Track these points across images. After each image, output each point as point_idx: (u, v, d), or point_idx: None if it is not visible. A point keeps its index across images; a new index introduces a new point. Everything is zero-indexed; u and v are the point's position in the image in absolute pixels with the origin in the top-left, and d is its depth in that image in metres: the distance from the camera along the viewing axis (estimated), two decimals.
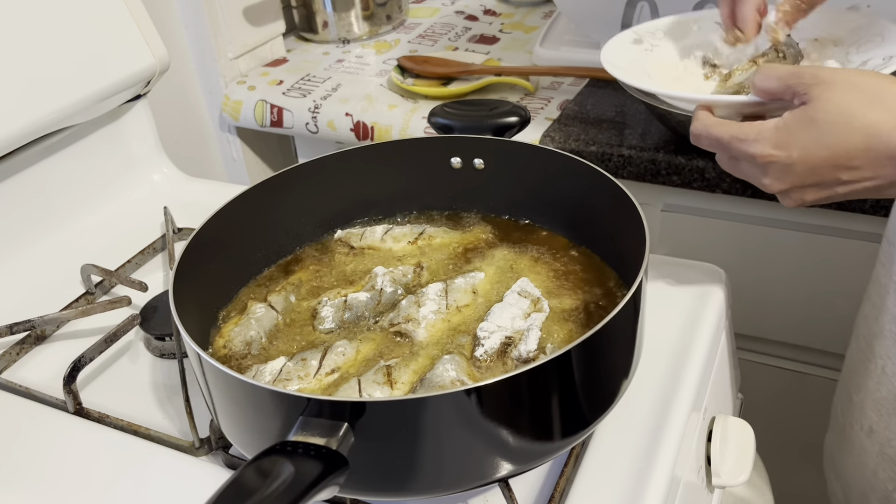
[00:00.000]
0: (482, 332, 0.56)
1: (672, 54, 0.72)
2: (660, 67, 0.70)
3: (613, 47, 0.69)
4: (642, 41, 0.71)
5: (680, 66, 0.71)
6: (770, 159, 0.54)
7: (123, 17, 0.86)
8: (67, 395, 0.63)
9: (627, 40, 0.70)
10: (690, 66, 0.71)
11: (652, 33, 0.72)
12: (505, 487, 0.51)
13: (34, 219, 0.83)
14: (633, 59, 0.69)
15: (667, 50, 0.72)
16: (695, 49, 0.72)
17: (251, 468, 0.40)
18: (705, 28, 0.73)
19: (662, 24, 0.73)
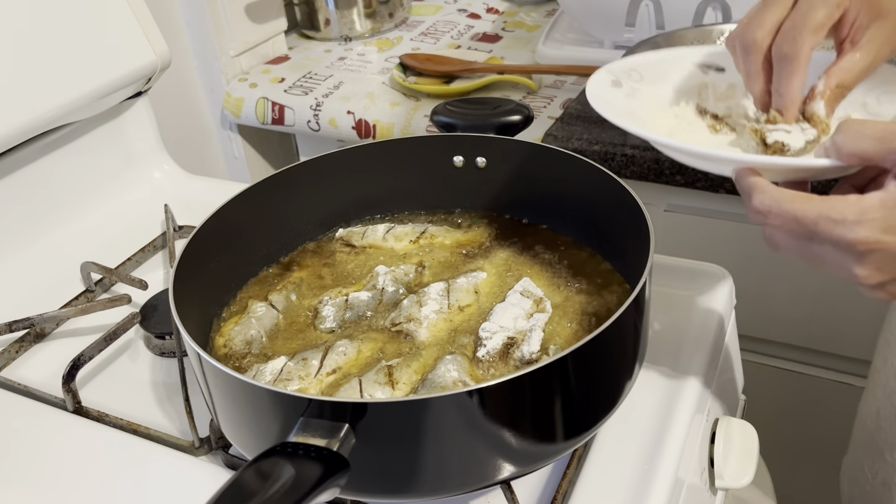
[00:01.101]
0: (484, 333, 0.56)
1: (658, 100, 0.62)
2: (651, 116, 0.60)
3: (596, 92, 0.58)
4: (621, 84, 0.61)
5: (671, 115, 0.62)
6: (875, 247, 0.42)
7: (125, 13, 0.86)
8: (66, 394, 0.62)
9: (605, 83, 0.60)
10: (685, 115, 0.62)
11: (628, 73, 0.62)
12: (507, 489, 0.51)
13: (34, 216, 0.83)
14: (620, 106, 0.59)
15: (650, 95, 0.62)
16: (681, 95, 0.63)
17: (251, 470, 0.40)
18: (685, 69, 0.63)
19: (637, 64, 0.63)
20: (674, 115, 0.62)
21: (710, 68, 0.63)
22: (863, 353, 0.88)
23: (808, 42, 0.49)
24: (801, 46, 0.50)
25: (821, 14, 0.49)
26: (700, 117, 0.61)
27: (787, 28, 0.50)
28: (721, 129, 0.61)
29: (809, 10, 0.49)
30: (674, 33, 0.97)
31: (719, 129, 0.61)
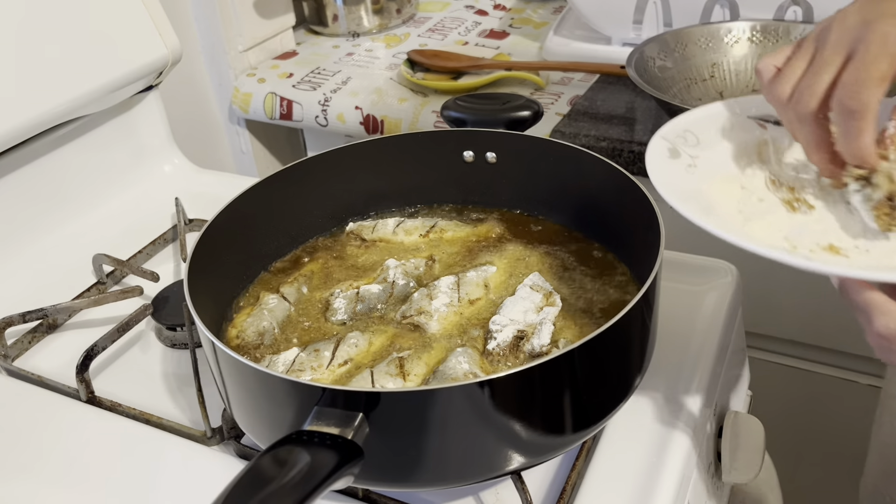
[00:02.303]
0: (494, 326, 0.57)
1: (720, 168, 0.55)
2: (719, 195, 0.53)
3: (657, 169, 0.52)
4: (679, 153, 0.55)
5: (736, 186, 0.54)
6: None
7: (137, 7, 0.86)
8: (80, 384, 0.63)
9: (663, 155, 0.54)
10: (753, 187, 0.55)
11: (683, 137, 0.56)
12: (517, 480, 0.51)
13: (46, 208, 0.83)
14: (686, 187, 0.52)
15: (711, 163, 0.55)
16: (743, 158, 0.56)
17: (268, 457, 0.40)
18: (741, 125, 0.58)
19: (690, 124, 0.57)
20: (740, 186, 0.55)
21: (768, 121, 0.58)
22: (868, 351, 0.88)
23: (875, 95, 0.46)
24: (868, 101, 0.46)
25: (884, 64, 0.45)
26: (771, 189, 0.55)
27: (850, 82, 0.46)
28: (799, 207, 0.53)
29: (873, 62, 0.45)
30: (681, 30, 0.98)
31: (797, 206, 0.53)
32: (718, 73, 0.97)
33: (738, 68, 0.97)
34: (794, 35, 0.95)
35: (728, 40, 0.98)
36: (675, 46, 0.96)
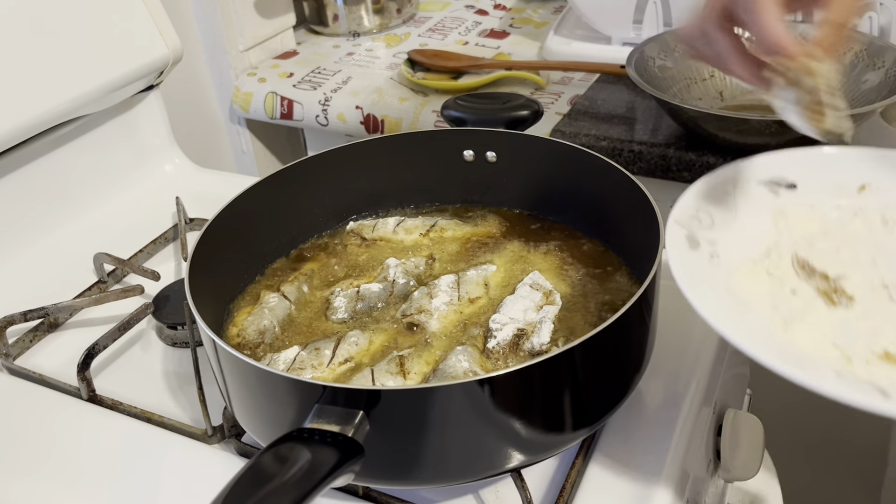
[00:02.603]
0: (494, 324, 0.57)
1: (742, 253, 0.51)
2: (748, 288, 0.49)
3: (682, 270, 0.47)
4: (697, 241, 0.50)
5: (762, 273, 0.50)
6: None
7: (138, 7, 0.86)
8: (81, 382, 0.63)
9: (682, 247, 0.49)
10: (782, 275, 0.50)
11: (697, 219, 0.51)
12: (517, 478, 0.51)
13: (47, 207, 0.83)
14: (714, 287, 0.48)
15: (733, 249, 0.51)
16: (762, 236, 0.52)
17: (269, 454, 0.40)
18: (752, 195, 0.53)
19: (700, 200, 0.52)
20: (766, 272, 0.50)
21: (779, 186, 0.54)
22: None
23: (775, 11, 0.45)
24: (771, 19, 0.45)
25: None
26: (802, 276, 0.50)
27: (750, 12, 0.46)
28: (839, 300, 0.48)
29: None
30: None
31: (836, 299, 0.48)
32: (718, 72, 0.97)
33: None
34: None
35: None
36: (676, 46, 0.97)
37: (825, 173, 0.55)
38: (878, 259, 0.51)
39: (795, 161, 0.54)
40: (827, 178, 0.55)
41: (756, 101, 0.96)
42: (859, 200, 0.54)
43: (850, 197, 0.55)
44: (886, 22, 0.95)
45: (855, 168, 0.55)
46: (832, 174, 0.55)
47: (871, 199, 0.54)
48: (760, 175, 0.54)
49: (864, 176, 0.55)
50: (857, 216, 0.54)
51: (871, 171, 0.55)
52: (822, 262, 0.51)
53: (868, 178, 0.55)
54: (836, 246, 0.52)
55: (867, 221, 0.54)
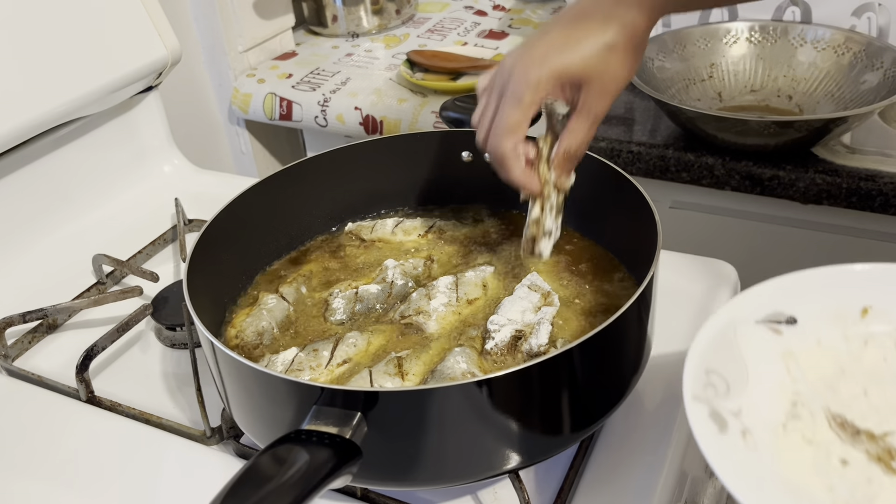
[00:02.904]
0: (493, 325, 0.57)
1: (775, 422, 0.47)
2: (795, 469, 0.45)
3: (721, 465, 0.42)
4: (724, 420, 0.45)
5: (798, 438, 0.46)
6: None
7: (136, 8, 0.86)
8: (80, 383, 0.63)
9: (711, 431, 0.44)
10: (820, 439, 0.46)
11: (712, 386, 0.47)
12: (515, 479, 0.51)
13: (46, 209, 0.83)
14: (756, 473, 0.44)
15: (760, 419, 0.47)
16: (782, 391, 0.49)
17: (266, 455, 0.40)
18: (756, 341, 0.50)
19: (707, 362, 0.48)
20: (802, 439, 0.47)
21: (779, 323, 0.52)
22: None
23: (508, 144, 0.53)
24: (504, 150, 0.53)
25: (516, 114, 0.52)
26: (844, 438, 0.46)
27: (493, 133, 0.53)
28: (890, 464, 0.44)
29: (506, 115, 0.52)
30: (680, 31, 0.98)
31: (887, 462, 0.44)
32: (717, 73, 0.97)
33: (737, 68, 0.97)
34: (792, 35, 0.96)
35: (726, 41, 0.98)
36: (674, 47, 0.97)
37: (823, 300, 0.52)
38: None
39: (788, 290, 0.51)
40: (826, 306, 0.52)
41: (755, 102, 0.96)
42: (865, 326, 0.52)
43: (855, 324, 0.52)
44: (885, 23, 0.96)
45: (852, 290, 0.53)
46: (830, 300, 0.52)
47: (876, 322, 0.52)
48: (756, 314, 0.51)
49: (864, 297, 0.53)
50: (868, 344, 0.52)
51: (869, 291, 0.53)
52: (858, 413, 0.48)
53: (868, 300, 0.53)
54: (863, 387, 0.49)
55: (881, 349, 0.52)
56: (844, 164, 0.83)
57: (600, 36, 0.51)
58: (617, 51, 0.51)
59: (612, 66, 0.52)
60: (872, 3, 0.95)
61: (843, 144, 0.87)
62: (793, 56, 0.95)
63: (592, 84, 0.52)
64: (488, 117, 0.54)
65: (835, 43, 0.93)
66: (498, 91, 0.53)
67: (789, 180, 0.84)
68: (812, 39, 0.94)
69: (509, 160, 0.54)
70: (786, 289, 0.52)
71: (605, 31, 0.51)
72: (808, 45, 0.95)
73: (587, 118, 0.53)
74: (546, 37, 0.52)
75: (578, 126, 0.54)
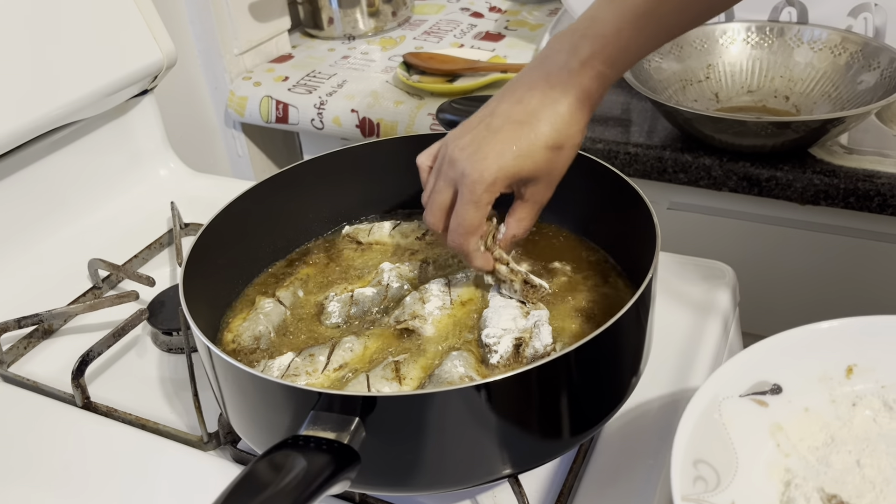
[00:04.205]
0: (490, 339, 0.55)
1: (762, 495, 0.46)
2: None
3: None
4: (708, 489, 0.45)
5: None
6: None
7: (131, 11, 0.86)
8: (76, 389, 0.63)
9: None
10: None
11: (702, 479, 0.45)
12: (514, 483, 0.51)
13: (41, 213, 0.83)
14: None
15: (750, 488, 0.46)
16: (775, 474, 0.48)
17: (264, 462, 0.40)
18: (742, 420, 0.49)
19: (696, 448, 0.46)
20: None
21: (764, 394, 0.51)
22: None
23: (471, 242, 0.56)
24: (466, 247, 0.56)
25: (474, 219, 0.54)
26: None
27: (452, 230, 0.56)
28: None
29: (464, 215, 0.54)
30: None
31: None
32: (714, 74, 0.97)
33: (734, 69, 0.97)
34: (789, 36, 0.96)
35: (723, 41, 0.98)
36: (671, 48, 0.97)
37: (805, 363, 0.52)
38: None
39: (769, 356, 0.50)
40: (809, 368, 0.52)
41: (752, 103, 0.96)
42: (851, 386, 0.52)
43: (840, 385, 0.52)
44: (881, 23, 0.96)
45: (834, 348, 0.52)
46: (813, 362, 0.52)
47: (863, 381, 0.52)
48: (740, 387, 0.50)
49: (847, 355, 0.52)
50: (857, 406, 0.51)
51: (851, 348, 0.52)
52: (853, 490, 0.46)
53: (851, 358, 0.52)
54: (855, 458, 0.48)
55: (870, 409, 0.51)
56: (842, 165, 0.83)
57: (550, 126, 0.53)
58: (565, 147, 0.54)
59: (560, 163, 0.54)
60: (869, 3, 0.95)
61: (841, 145, 0.87)
62: (789, 57, 0.95)
63: (541, 180, 0.55)
64: (437, 202, 0.56)
65: (831, 43, 0.93)
66: (446, 180, 0.55)
67: (787, 181, 0.83)
68: (809, 40, 0.94)
69: (472, 254, 0.57)
70: (766, 355, 0.51)
71: (556, 113, 0.53)
72: (804, 46, 0.95)
73: (533, 207, 0.57)
74: (496, 135, 0.53)
75: (525, 215, 0.57)
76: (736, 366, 0.51)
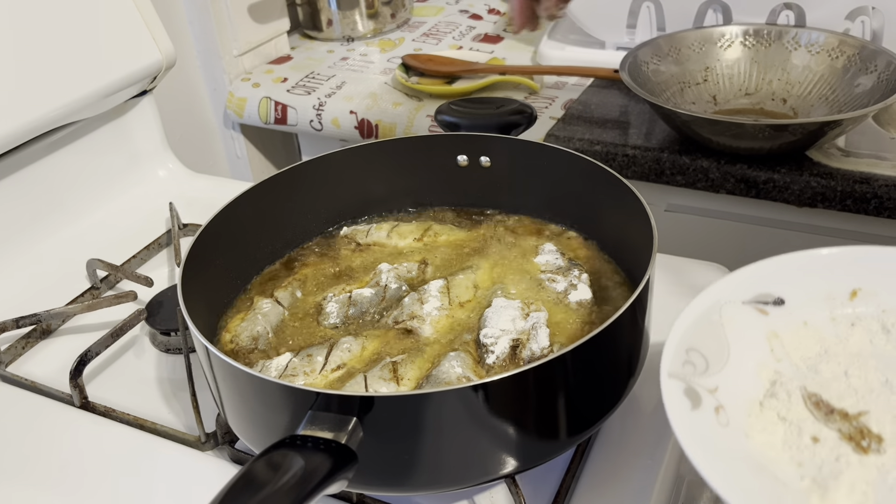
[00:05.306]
0: (488, 339, 0.56)
1: (750, 399, 0.47)
2: (764, 443, 0.44)
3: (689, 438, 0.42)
4: (699, 396, 0.45)
5: (774, 418, 0.46)
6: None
7: (130, 12, 0.86)
8: (74, 389, 0.63)
9: (684, 407, 0.44)
10: (794, 418, 0.45)
11: (691, 363, 0.46)
12: (511, 483, 0.51)
13: (40, 213, 0.83)
14: (725, 448, 0.43)
15: (736, 396, 0.46)
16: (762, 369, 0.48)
17: (261, 461, 0.40)
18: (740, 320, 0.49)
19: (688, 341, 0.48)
20: (777, 416, 0.46)
21: (767, 304, 0.51)
22: None
23: None
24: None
25: None
26: (818, 416, 0.46)
27: None
28: (869, 445, 0.43)
29: None
30: (675, 34, 0.98)
31: (865, 444, 0.43)
32: (711, 76, 0.98)
33: (731, 72, 0.98)
34: (787, 39, 0.96)
35: (721, 44, 0.98)
36: (669, 50, 0.97)
37: (811, 282, 0.52)
38: (892, 379, 0.47)
39: (777, 272, 0.50)
40: (814, 288, 0.52)
41: (749, 105, 0.97)
42: (853, 308, 0.51)
43: (842, 306, 0.52)
44: (879, 26, 0.96)
45: (841, 272, 0.52)
46: (819, 282, 0.52)
47: (865, 304, 0.52)
48: (743, 294, 0.51)
49: (853, 280, 0.52)
50: (855, 326, 0.51)
51: (858, 274, 0.52)
52: (835, 393, 0.47)
53: (857, 282, 0.52)
54: (844, 368, 0.48)
55: (867, 331, 0.51)
56: (839, 167, 0.83)
57: None
58: None
59: None
60: (866, 6, 0.95)
61: (838, 147, 0.87)
62: (787, 59, 0.96)
63: None
64: None
65: (829, 46, 0.93)
66: None
67: (784, 183, 0.84)
68: (806, 43, 0.95)
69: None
70: (775, 270, 0.51)
71: None
72: (802, 49, 0.95)
73: None
74: None
75: None
76: (743, 276, 0.51)
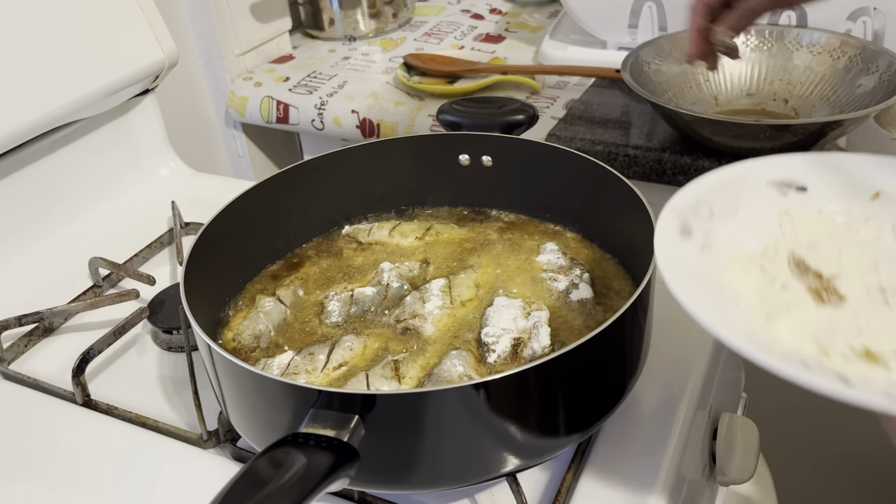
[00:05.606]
0: (489, 338, 0.56)
1: (738, 247, 0.49)
2: (738, 281, 0.47)
3: (665, 251, 0.46)
4: (691, 231, 0.48)
5: (756, 269, 0.48)
6: None
7: (132, 11, 0.86)
8: (76, 387, 0.63)
9: (672, 233, 0.47)
10: (775, 272, 0.48)
11: (695, 210, 0.49)
12: (512, 482, 0.51)
13: (42, 212, 0.83)
14: (698, 273, 0.46)
15: (728, 242, 0.49)
16: (762, 234, 0.50)
17: (264, 459, 0.40)
18: (759, 192, 0.52)
19: (703, 193, 0.50)
20: (759, 268, 0.49)
21: (790, 188, 0.53)
22: None
23: None
24: None
25: None
26: (796, 274, 0.48)
27: None
28: (829, 298, 0.46)
29: None
30: (676, 35, 0.98)
31: (826, 297, 0.46)
32: (713, 77, 0.98)
33: (733, 72, 0.98)
34: (788, 39, 0.96)
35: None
36: (671, 50, 0.97)
37: (838, 178, 0.53)
38: (882, 265, 0.49)
39: (808, 165, 0.52)
40: (839, 184, 0.53)
41: (751, 106, 0.97)
42: (872, 208, 0.53)
43: (862, 203, 0.53)
44: (880, 26, 0.96)
45: (869, 175, 0.54)
46: (845, 179, 0.53)
47: (884, 207, 0.53)
48: (771, 175, 0.53)
49: (879, 183, 0.53)
50: (868, 222, 0.52)
51: (886, 179, 0.53)
52: (820, 261, 0.49)
53: (882, 186, 0.53)
54: (839, 248, 0.50)
55: (877, 229, 0.52)
56: None
57: None
58: None
59: None
60: (868, 6, 0.95)
61: (839, 148, 0.87)
62: (788, 60, 0.96)
63: None
64: None
65: (830, 47, 0.93)
66: None
67: None
68: (808, 43, 0.95)
69: None
70: (807, 163, 0.53)
71: None
72: (803, 49, 0.95)
73: None
74: None
75: None
76: (773, 161, 0.53)
